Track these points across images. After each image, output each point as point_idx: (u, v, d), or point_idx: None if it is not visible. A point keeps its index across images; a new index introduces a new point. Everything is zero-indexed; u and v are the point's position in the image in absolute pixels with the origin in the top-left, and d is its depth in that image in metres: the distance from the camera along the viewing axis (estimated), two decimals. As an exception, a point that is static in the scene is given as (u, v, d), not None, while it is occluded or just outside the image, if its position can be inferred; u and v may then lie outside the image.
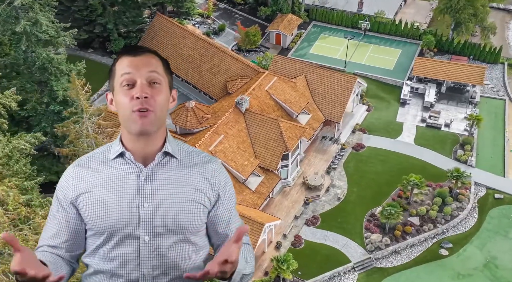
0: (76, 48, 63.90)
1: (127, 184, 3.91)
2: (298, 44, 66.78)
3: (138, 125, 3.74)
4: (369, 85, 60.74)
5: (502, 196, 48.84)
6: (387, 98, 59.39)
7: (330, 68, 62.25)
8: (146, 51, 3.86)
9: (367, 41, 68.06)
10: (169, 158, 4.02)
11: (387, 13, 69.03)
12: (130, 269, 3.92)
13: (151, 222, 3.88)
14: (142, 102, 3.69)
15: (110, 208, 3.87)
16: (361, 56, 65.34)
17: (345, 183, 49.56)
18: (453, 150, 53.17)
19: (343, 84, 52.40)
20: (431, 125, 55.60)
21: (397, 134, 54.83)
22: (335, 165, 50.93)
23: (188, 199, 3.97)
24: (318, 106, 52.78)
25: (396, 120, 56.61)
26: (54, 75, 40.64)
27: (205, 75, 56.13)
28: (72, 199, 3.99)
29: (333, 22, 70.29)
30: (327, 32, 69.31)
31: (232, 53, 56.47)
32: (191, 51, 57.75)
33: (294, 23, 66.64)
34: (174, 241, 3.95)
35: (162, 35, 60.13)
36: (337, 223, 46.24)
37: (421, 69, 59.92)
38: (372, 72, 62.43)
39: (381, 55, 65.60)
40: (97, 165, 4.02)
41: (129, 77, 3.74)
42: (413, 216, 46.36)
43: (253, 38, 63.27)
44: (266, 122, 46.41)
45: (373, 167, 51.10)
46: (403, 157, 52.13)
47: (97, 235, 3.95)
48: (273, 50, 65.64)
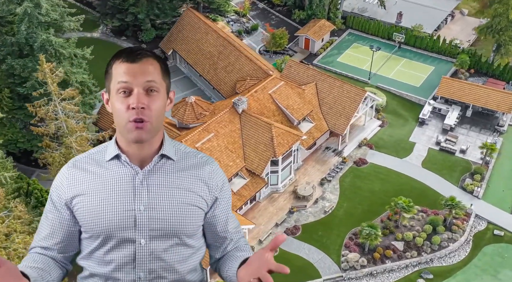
0: (111, 34, 66.60)
1: (123, 187, 3.88)
2: (327, 51, 65.54)
3: (134, 135, 3.72)
4: (390, 100, 58.67)
5: (503, 233, 45.68)
6: (405, 116, 57.06)
7: (354, 79, 61.01)
8: (143, 56, 3.73)
9: (400, 54, 65.62)
10: (165, 160, 3.99)
11: (426, 28, 66.14)
12: (126, 272, 3.92)
13: (147, 225, 3.86)
14: (138, 113, 3.65)
15: (106, 211, 3.84)
16: (390, 70, 63.14)
17: (336, 197, 48.31)
18: (462, 178, 50.30)
19: (352, 96, 50.97)
20: (445, 149, 52.83)
21: (405, 154, 52.61)
22: (331, 177, 49.72)
23: (184, 202, 3.95)
24: (324, 115, 51.71)
25: (409, 139, 54.31)
26: (55, 57, 42.54)
27: (220, 72, 56.54)
28: (67, 201, 3.96)
29: (370, 32, 68.35)
30: (361, 41, 67.49)
31: (248, 53, 56.43)
32: (211, 47, 58.35)
33: (325, 29, 65.49)
34: (170, 244, 3.94)
35: (189, 29, 61.16)
36: (317, 236, 45.21)
37: (446, 89, 57.05)
38: (397, 87, 60.16)
39: (411, 70, 63.05)
40: (92, 166, 3.97)
41: (126, 85, 3.67)
42: (398, 241, 44.45)
43: (279, 40, 62.84)
44: (260, 126, 46.12)
45: (370, 185, 49.40)
46: (405, 179, 49.99)
47: (93, 238, 3.93)
48: (301, 55, 64.91)
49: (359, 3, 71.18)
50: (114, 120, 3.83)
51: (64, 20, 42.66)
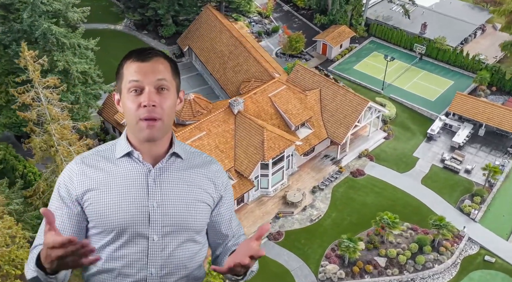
0: (133, 28, 68.02)
1: (136, 184, 3.92)
2: (345, 58, 64.52)
3: (146, 133, 3.78)
4: (401, 112, 57.16)
5: (494, 260, 43.68)
6: (413, 130, 55.43)
7: (367, 88, 59.86)
8: (154, 55, 3.82)
9: (420, 66, 63.78)
10: (175, 158, 4.09)
11: (450, 40, 63.98)
12: (138, 268, 3.93)
13: (160, 221, 3.91)
14: (149, 111, 3.71)
15: (120, 207, 3.87)
16: (406, 81, 61.49)
17: (326, 207, 47.56)
18: (461, 198, 48.43)
19: (354, 106, 50.00)
20: (449, 167, 50.98)
21: (406, 168, 51.14)
22: (324, 186, 48.97)
23: (195, 198, 4.05)
24: (325, 123, 50.99)
25: (412, 154, 52.74)
26: (57, 46, 43.91)
27: (228, 72, 56.75)
28: (78, 196, 3.95)
29: (392, 41, 66.80)
30: (382, 50, 65.99)
31: (258, 54, 56.32)
32: (223, 46, 58.63)
33: (345, 36, 64.50)
34: (181, 241, 4.02)
35: (205, 27, 61.69)
36: (300, 244, 44.67)
37: (459, 105, 55.04)
38: (410, 99, 58.52)
39: (428, 83, 61.18)
40: (102, 163, 4.01)
41: (137, 84, 3.73)
42: (381, 256, 43.31)
43: (295, 44, 62.41)
44: (252, 128, 46.00)
45: (363, 197, 48.34)
46: (401, 194, 48.62)
47: (104, 233, 3.93)
48: (317, 60, 64.24)
49: (384, 11, 69.68)
50: (125, 119, 3.87)
51: (68, 11, 43.86)
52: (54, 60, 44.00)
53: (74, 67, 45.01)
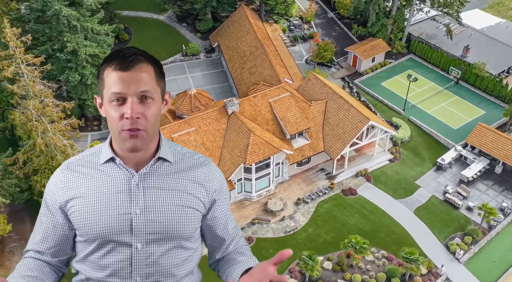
0: (175, 19, 69.94)
1: (118, 190, 3.81)
2: (375, 72, 62.31)
3: (129, 145, 3.64)
4: (416, 136, 54.40)
5: (467, 307, 40.62)
6: (424, 156, 52.55)
7: (388, 106, 57.58)
8: (136, 62, 3.57)
9: (454, 90, 60.15)
10: (162, 162, 3.93)
11: (492, 67, 59.73)
12: (122, 277, 3.87)
13: (143, 229, 3.80)
14: (132, 123, 3.56)
15: (102, 215, 3.78)
16: (433, 104, 58.28)
17: (305, 220, 46.52)
18: (452, 235, 45.38)
19: (354, 123, 48.31)
20: (449, 201, 47.88)
21: (403, 195, 48.69)
22: (310, 199, 47.88)
23: (181, 204, 3.89)
24: (324, 136, 49.75)
25: (415, 181, 50.06)
26: (68, 28, 46.36)
27: (245, 72, 56.90)
28: (61, 204, 3.90)
29: (431, 61, 63.53)
30: (418, 69, 62.98)
31: (275, 58, 55.91)
32: (246, 47, 58.82)
33: (378, 50, 62.28)
34: (167, 248, 3.90)
35: (235, 26, 62.16)
36: (267, 253, 43.98)
37: (478, 137, 51.41)
38: (430, 124, 55.45)
39: (456, 110, 57.60)
40: (87, 169, 3.92)
41: (119, 95, 3.56)
42: (345, 280, 41.74)
43: (323, 52, 61.17)
44: (241, 130, 45.94)
45: (347, 217, 46.71)
46: (388, 220, 46.43)
47: (88, 242, 3.88)
48: (345, 71, 62.60)
49: (429, 29, 66.31)
50: (109, 127, 3.74)
51: (82, -4, 46.11)
52: (64, 40, 46.49)
53: (83, 49, 47.21)
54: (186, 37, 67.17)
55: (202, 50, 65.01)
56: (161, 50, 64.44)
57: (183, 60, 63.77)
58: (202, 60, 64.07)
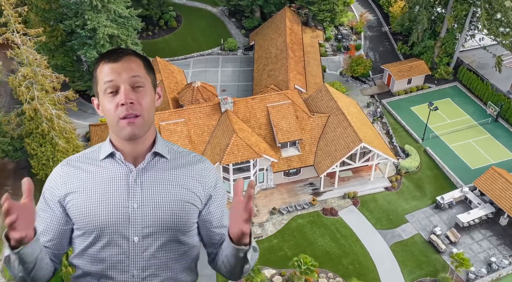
0: (226, 13, 71.11)
1: (116, 184, 3.91)
2: (409, 95, 58.81)
3: (127, 131, 3.76)
4: (426, 169, 50.80)
5: None
6: (426, 192, 48.92)
7: (408, 132, 54.34)
8: (125, 54, 3.81)
9: (489, 128, 55.01)
10: (159, 158, 4.04)
11: (536, 110, 53.81)
12: (119, 270, 3.94)
13: (140, 222, 3.88)
14: (128, 108, 3.70)
15: (99, 208, 3.86)
16: (459, 139, 53.82)
17: (273, 231, 45.61)
18: (420, 279, 42.02)
19: (347, 142, 46.20)
20: (433, 243, 44.28)
21: (385, 227, 45.88)
22: (286, 211, 46.79)
23: (178, 199, 3.97)
24: (317, 150, 48.18)
25: (405, 215, 46.88)
26: (91, 7, 49.25)
27: (264, 74, 56.59)
28: (60, 198, 3.99)
29: (475, 92, 58.63)
30: (458, 99, 58.41)
31: (296, 65, 54.85)
32: (274, 49, 58.37)
33: (416, 72, 58.64)
34: (164, 242, 3.96)
35: (273, 27, 61.85)
36: (223, 255, 43.89)
37: (487, 182, 46.78)
38: (446, 159, 51.36)
39: (483, 149, 52.72)
40: (86, 165, 4.03)
41: (112, 84, 3.72)
42: (287, 300, 40.55)
43: (355, 66, 58.88)
44: (227, 130, 46.00)
45: (317, 237, 45.04)
46: (358, 249, 44.07)
47: (86, 235, 3.95)
48: (377, 89, 59.83)
49: (483, 58, 61.00)
50: (106, 121, 3.91)
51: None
52: (85, 18, 49.49)
53: (102, 29, 49.90)
54: (231, 32, 68.03)
55: (241, 47, 65.48)
56: (202, 41, 66.04)
57: (220, 54, 64.75)
58: (238, 56, 64.57)
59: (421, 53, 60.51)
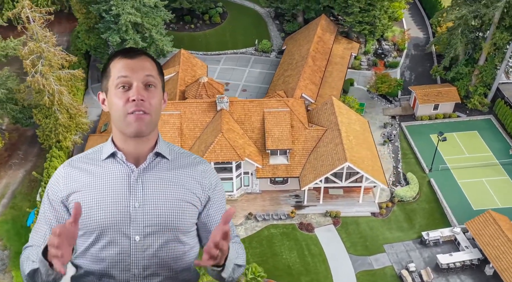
0: (272, 15, 71.00)
1: (118, 184, 3.95)
2: (432, 121, 55.37)
3: (133, 127, 3.78)
4: (422, 201, 47.86)
5: None
6: (415, 225, 46.03)
7: (417, 160, 51.48)
8: (140, 54, 3.90)
9: (510, 169, 50.47)
10: (160, 159, 4.09)
11: None
12: (120, 269, 3.97)
13: (141, 221, 3.91)
14: (138, 104, 3.74)
15: (101, 207, 3.90)
16: (471, 176, 49.86)
17: (242, 236, 45.22)
18: (375, 314, 39.84)
19: (334, 160, 44.59)
20: (402, 278, 41.67)
21: (359, 253, 43.89)
22: (261, 219, 46.25)
23: (179, 199, 4.02)
24: (307, 163, 47.05)
25: (383, 244, 44.53)
26: (115, -3, 51.69)
27: (281, 79, 56.03)
28: (63, 199, 4.04)
29: (508, 129, 53.94)
30: (486, 133, 54.08)
31: (313, 75, 53.68)
32: (297, 56, 57.55)
33: (444, 98, 55.06)
34: (164, 241, 3.99)
35: (305, 33, 60.95)
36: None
37: (479, 226, 43.06)
38: (448, 195, 47.90)
39: (494, 191, 48.48)
40: (88, 165, 4.08)
41: (125, 80, 3.77)
42: (232, 306, 40.17)
43: (379, 84, 56.46)
44: (216, 129, 46.29)
45: (284, 250, 44.11)
46: (323, 270, 42.58)
47: (87, 234, 3.97)
48: (401, 110, 57.01)
49: (525, 93, 55.89)
50: (111, 116, 3.91)
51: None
52: (111, 4, 52.00)
53: (125, 16, 52.15)
54: (271, 34, 67.89)
55: (276, 50, 65.20)
56: (239, 39, 66.61)
57: (253, 54, 64.91)
58: (270, 59, 64.34)
59: (457, 80, 56.67)
